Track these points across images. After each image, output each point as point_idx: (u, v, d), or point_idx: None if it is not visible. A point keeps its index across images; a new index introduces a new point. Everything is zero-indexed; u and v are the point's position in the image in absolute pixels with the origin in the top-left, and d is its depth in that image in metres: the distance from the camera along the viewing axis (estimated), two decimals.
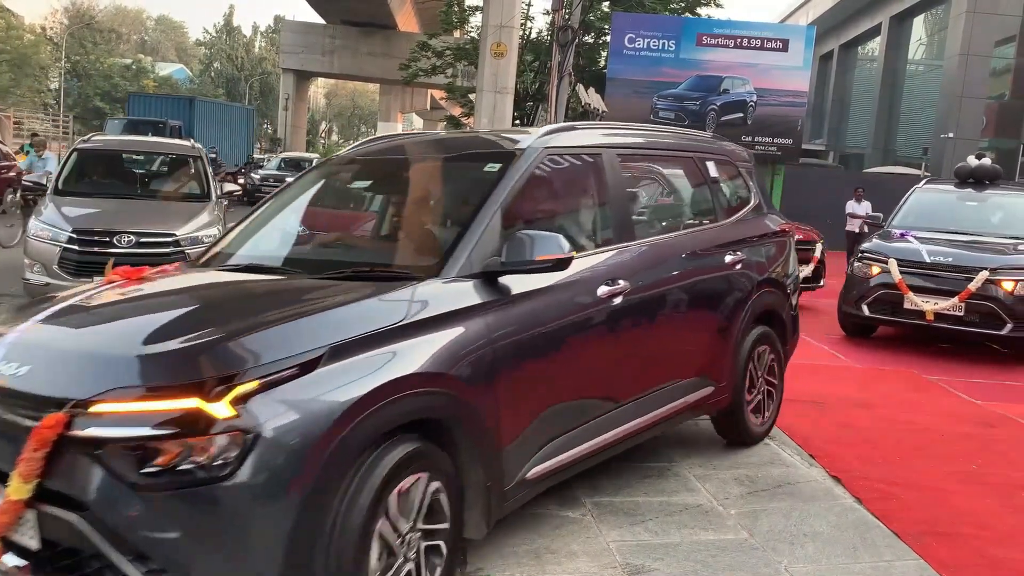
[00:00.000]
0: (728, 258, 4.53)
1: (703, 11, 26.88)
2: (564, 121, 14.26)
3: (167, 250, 7.43)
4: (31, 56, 46.53)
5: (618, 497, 4.11)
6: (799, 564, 3.50)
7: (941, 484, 4.54)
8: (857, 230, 14.55)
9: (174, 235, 7.49)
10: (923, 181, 11.02)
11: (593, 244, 3.86)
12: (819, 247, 10.81)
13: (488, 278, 3.12)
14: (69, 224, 7.38)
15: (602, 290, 3.57)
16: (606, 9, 26.15)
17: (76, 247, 7.24)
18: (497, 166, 3.51)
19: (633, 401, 3.86)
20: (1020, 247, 8.42)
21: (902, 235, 9.01)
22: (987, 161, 9.85)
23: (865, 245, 9.18)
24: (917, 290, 8.16)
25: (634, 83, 20.94)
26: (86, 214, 7.70)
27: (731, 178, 5.03)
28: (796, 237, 5.70)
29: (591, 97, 17.92)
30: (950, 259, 8.21)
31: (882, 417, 5.88)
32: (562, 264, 3.13)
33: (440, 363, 2.82)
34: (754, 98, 20.99)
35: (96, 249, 7.26)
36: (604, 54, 25.57)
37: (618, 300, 3.62)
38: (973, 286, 7.85)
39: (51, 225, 7.43)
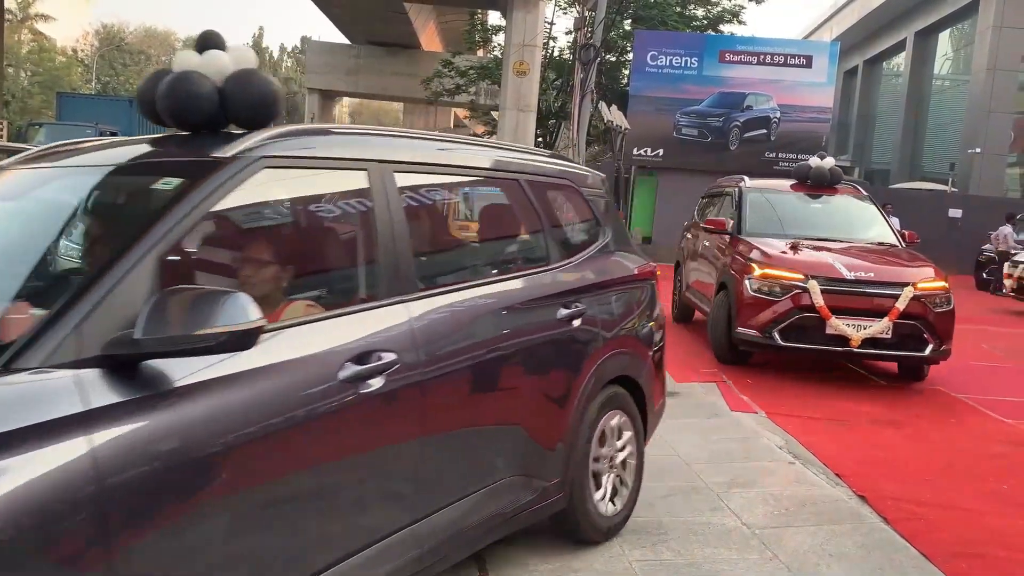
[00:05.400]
0: (563, 312, 3.37)
1: (726, 28, 26.93)
2: (585, 139, 14.18)
3: None
4: (63, 78, 47.40)
5: (641, 516, 4.08)
6: None
7: (971, 505, 4.46)
8: None
9: None
10: None
11: (340, 301, 2.68)
12: None
13: (115, 365, 1.89)
14: None
15: (348, 371, 2.35)
16: (628, 27, 26.25)
17: None
18: (177, 181, 2.38)
19: (410, 527, 2.62)
20: None
21: None
22: None
23: None
24: None
25: (656, 100, 20.95)
26: None
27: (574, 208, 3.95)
28: None
29: (614, 115, 17.94)
30: None
31: (909, 436, 5.80)
32: (244, 339, 1.96)
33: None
34: (777, 114, 20.94)
35: None
36: (626, 71, 25.65)
37: (378, 383, 2.42)
38: None
39: None
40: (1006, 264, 14.36)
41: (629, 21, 26.68)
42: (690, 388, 6.83)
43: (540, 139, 26.72)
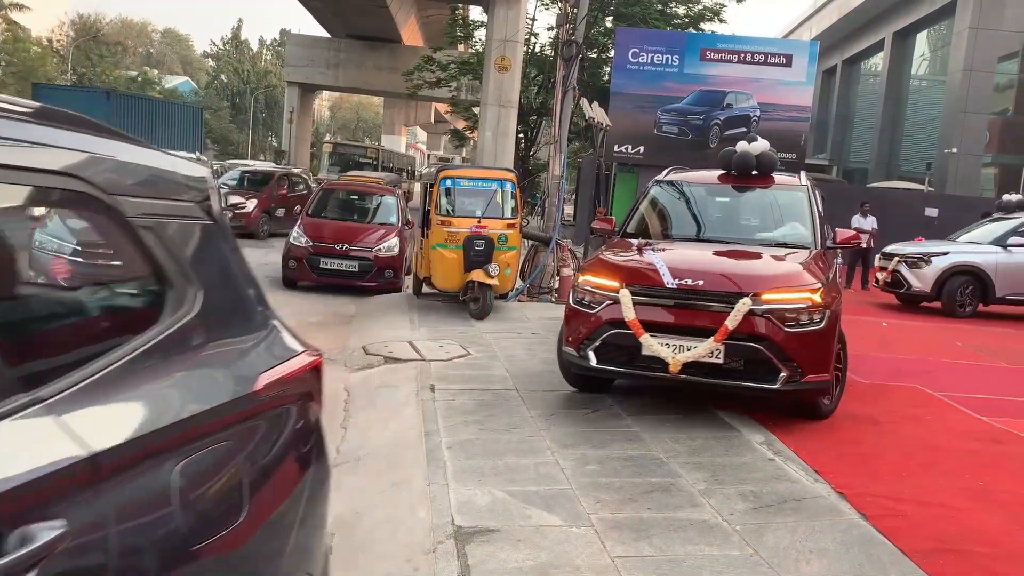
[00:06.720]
0: None
1: (707, 26, 27.04)
2: (567, 136, 14.09)
3: None
4: (37, 69, 46.74)
5: (622, 512, 4.08)
6: None
7: (949, 501, 4.50)
8: (864, 244, 14.53)
9: None
10: None
11: None
12: None
13: None
14: None
15: None
16: (609, 24, 26.29)
17: None
18: None
19: None
20: None
21: None
22: None
23: None
24: None
25: (638, 97, 20.97)
26: None
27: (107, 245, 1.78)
28: None
29: (595, 111, 17.89)
30: None
31: (887, 433, 5.83)
32: None
33: None
34: (757, 113, 21.02)
35: None
36: (607, 68, 25.68)
37: None
38: None
39: None
40: (878, 257, 13.84)
41: (611, 18, 26.72)
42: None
43: (521, 135, 26.70)
